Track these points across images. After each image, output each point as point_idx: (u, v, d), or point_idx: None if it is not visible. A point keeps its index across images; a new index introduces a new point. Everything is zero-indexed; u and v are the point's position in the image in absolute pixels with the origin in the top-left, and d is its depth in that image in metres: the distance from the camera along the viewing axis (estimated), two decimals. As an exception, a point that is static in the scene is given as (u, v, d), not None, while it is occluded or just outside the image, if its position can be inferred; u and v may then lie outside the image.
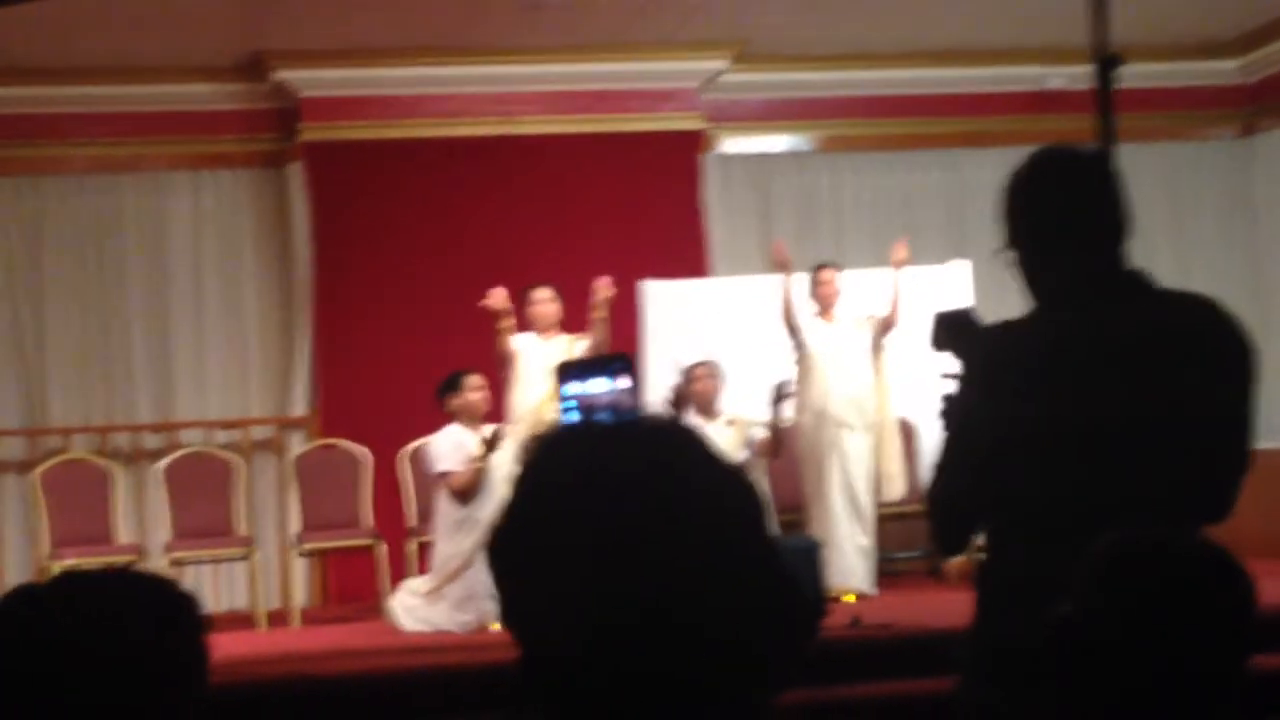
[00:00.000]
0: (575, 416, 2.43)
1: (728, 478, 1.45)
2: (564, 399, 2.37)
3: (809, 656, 1.50)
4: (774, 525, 8.89)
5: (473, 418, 9.18)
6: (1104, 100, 3.83)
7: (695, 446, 1.46)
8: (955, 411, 3.23)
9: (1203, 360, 3.12)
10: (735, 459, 6.79)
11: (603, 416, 1.50)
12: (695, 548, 1.39)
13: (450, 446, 9.08)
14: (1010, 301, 3.56)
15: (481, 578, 8.34)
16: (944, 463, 3.25)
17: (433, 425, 9.43)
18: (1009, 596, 3.11)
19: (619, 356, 2.38)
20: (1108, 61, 3.91)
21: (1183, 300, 3.24)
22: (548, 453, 1.47)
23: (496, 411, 9.29)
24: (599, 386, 2.37)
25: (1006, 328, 3.30)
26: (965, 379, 3.23)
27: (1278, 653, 6.64)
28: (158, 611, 1.98)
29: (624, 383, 2.34)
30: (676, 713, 1.38)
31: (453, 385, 9.27)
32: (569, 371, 2.37)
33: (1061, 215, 3.21)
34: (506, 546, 1.46)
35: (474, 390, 9.24)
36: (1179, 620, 2.26)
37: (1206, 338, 3.15)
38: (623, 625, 1.37)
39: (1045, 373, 3.14)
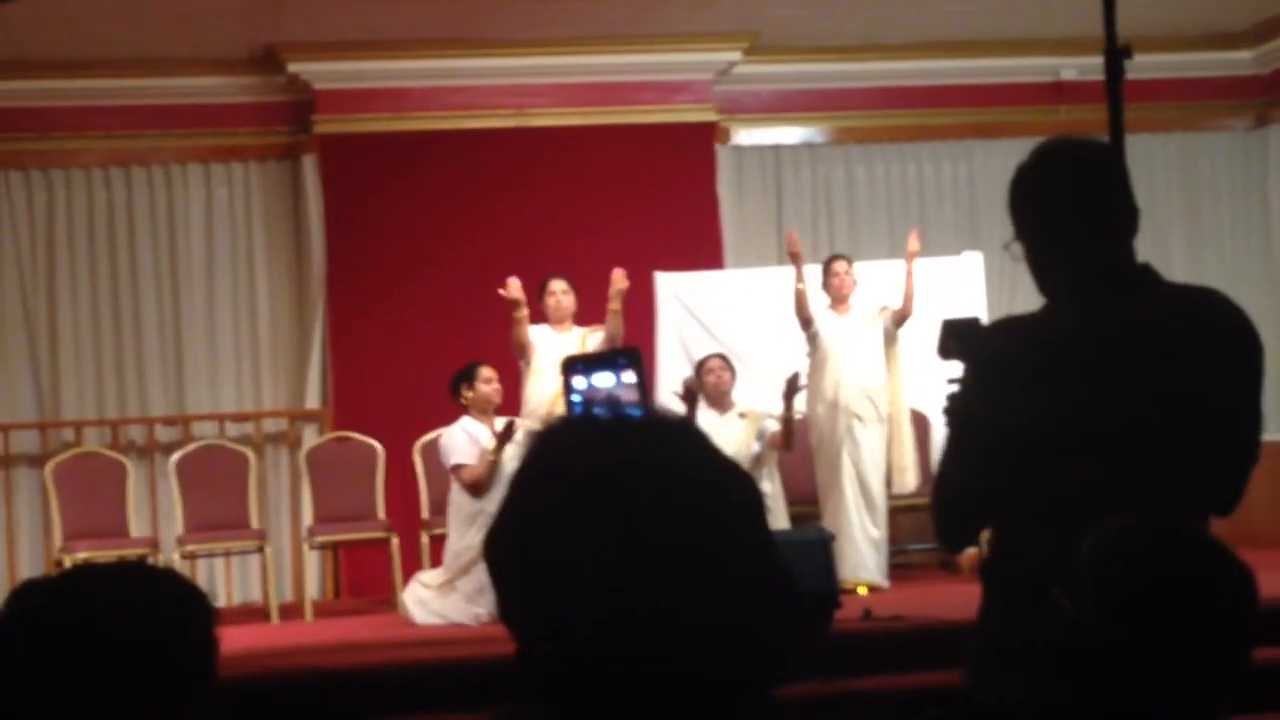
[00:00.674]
0: (580, 411, 2.42)
1: (725, 472, 1.44)
2: (570, 393, 2.36)
3: (821, 648, 1.50)
4: (784, 518, 8.84)
5: (485, 410, 9.18)
6: (1114, 92, 3.82)
7: (692, 441, 1.45)
8: (959, 409, 3.23)
9: (1210, 355, 3.12)
10: (748, 451, 6.76)
11: (600, 411, 1.49)
12: (694, 542, 1.38)
13: (463, 439, 9.07)
14: (1022, 293, 3.57)
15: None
16: (948, 460, 3.26)
17: (445, 418, 9.43)
18: (1015, 591, 3.12)
19: (625, 351, 2.38)
20: (1117, 53, 3.89)
21: (1190, 294, 3.24)
22: (543, 448, 1.46)
23: (511, 404, 9.28)
24: (605, 381, 2.36)
25: (1013, 323, 3.31)
26: (970, 376, 3.24)
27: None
28: (167, 604, 1.98)
29: (630, 378, 2.33)
30: (677, 706, 1.38)
31: (466, 377, 9.27)
32: (574, 366, 2.36)
33: (1067, 208, 3.20)
34: (504, 542, 1.45)
35: (486, 382, 9.23)
36: (1175, 610, 2.25)
37: (1213, 332, 3.14)
38: (622, 620, 1.36)
39: (1052, 368, 3.14)
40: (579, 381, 2.48)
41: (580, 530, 1.38)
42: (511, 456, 8.85)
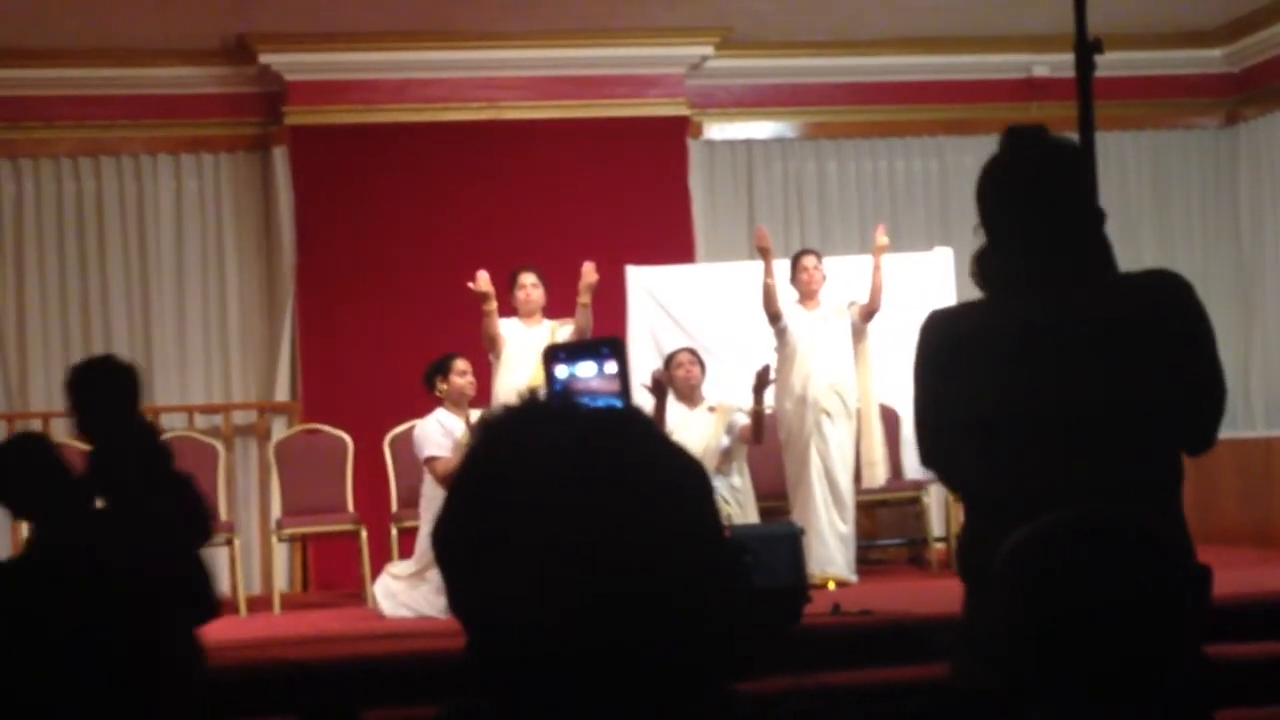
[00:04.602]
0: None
1: (675, 461, 1.43)
2: (551, 382, 2.36)
3: (790, 643, 1.49)
4: (754, 512, 8.83)
5: (460, 403, 9.17)
6: (1084, 86, 3.84)
7: (641, 429, 1.44)
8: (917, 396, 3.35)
9: (1162, 334, 3.18)
10: (718, 445, 6.78)
11: (545, 400, 1.49)
12: (645, 530, 1.37)
13: (437, 431, 9.06)
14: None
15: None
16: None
17: (415, 410, 9.42)
18: (986, 579, 3.17)
19: (608, 341, 2.38)
20: (1087, 47, 3.91)
21: (1138, 280, 3.33)
22: (489, 437, 1.45)
23: (482, 397, 9.28)
24: (587, 371, 2.37)
25: (957, 312, 3.39)
26: (917, 367, 3.35)
27: (1260, 641, 6.66)
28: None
29: (612, 367, 2.33)
30: (631, 698, 1.37)
31: (441, 369, 9.26)
32: (557, 355, 2.36)
33: (1031, 199, 3.27)
34: (451, 532, 1.44)
35: (461, 375, 9.23)
36: (1092, 597, 2.25)
37: (1163, 312, 3.21)
38: (573, 611, 1.35)
39: (1005, 356, 3.20)
40: (561, 370, 2.47)
41: (528, 520, 1.37)
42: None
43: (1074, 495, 2.53)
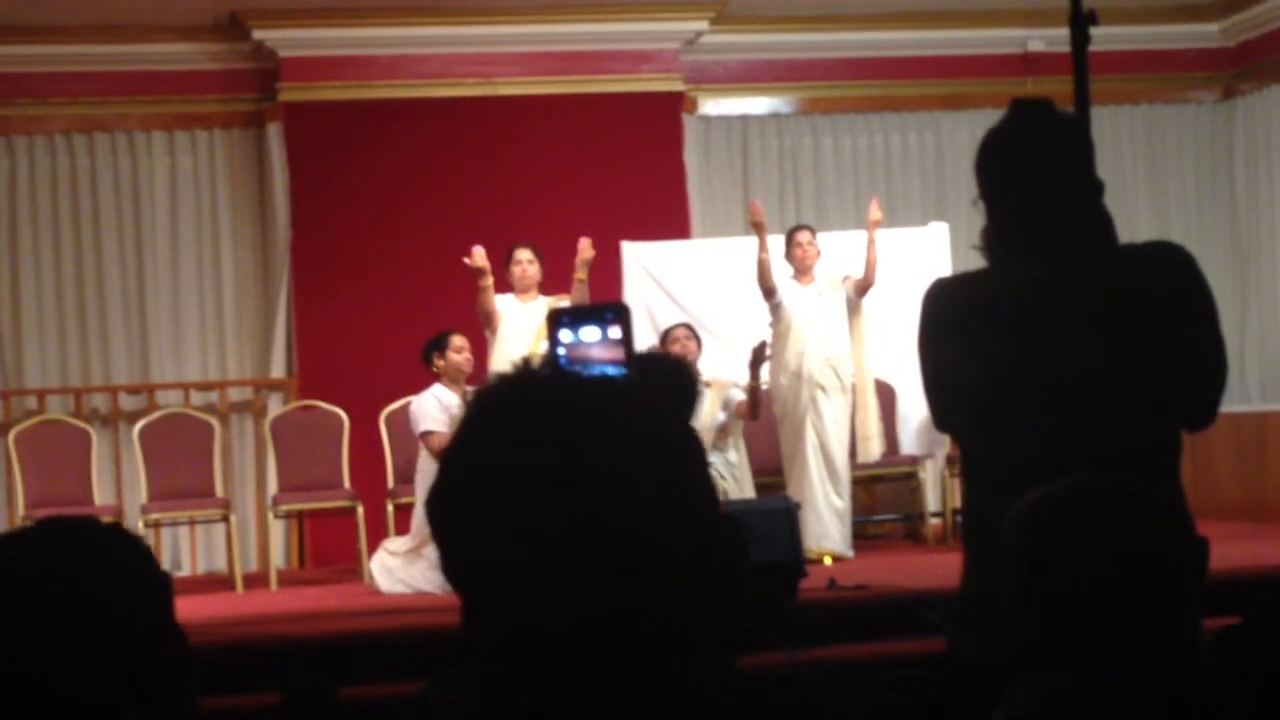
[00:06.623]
0: (565, 365, 2.41)
1: (668, 429, 1.43)
2: (555, 346, 2.36)
3: (786, 617, 1.48)
4: (750, 488, 8.82)
5: (456, 379, 9.17)
6: (1079, 56, 3.84)
7: (634, 397, 1.44)
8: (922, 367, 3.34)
9: (1163, 301, 3.19)
10: (714, 421, 6.75)
11: (540, 370, 1.49)
12: (636, 498, 1.37)
13: (434, 406, 9.06)
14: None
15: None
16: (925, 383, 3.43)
17: (411, 387, 9.42)
18: (987, 548, 3.17)
19: (612, 305, 2.36)
20: (1082, 18, 3.92)
21: (1139, 249, 3.35)
22: (483, 405, 1.45)
23: (479, 372, 9.28)
24: (590, 335, 2.36)
25: (960, 280, 3.41)
26: (920, 334, 3.36)
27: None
28: (126, 559, 1.94)
29: (616, 333, 2.33)
30: (626, 665, 1.36)
31: (438, 345, 9.27)
32: (561, 319, 2.36)
33: (1032, 167, 3.29)
34: (445, 500, 1.43)
35: (458, 351, 9.23)
36: (1099, 565, 2.25)
37: (1164, 279, 3.22)
38: (566, 578, 1.35)
39: (1006, 322, 3.22)
40: (565, 335, 2.47)
41: (522, 489, 1.36)
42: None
43: (1075, 462, 2.54)
